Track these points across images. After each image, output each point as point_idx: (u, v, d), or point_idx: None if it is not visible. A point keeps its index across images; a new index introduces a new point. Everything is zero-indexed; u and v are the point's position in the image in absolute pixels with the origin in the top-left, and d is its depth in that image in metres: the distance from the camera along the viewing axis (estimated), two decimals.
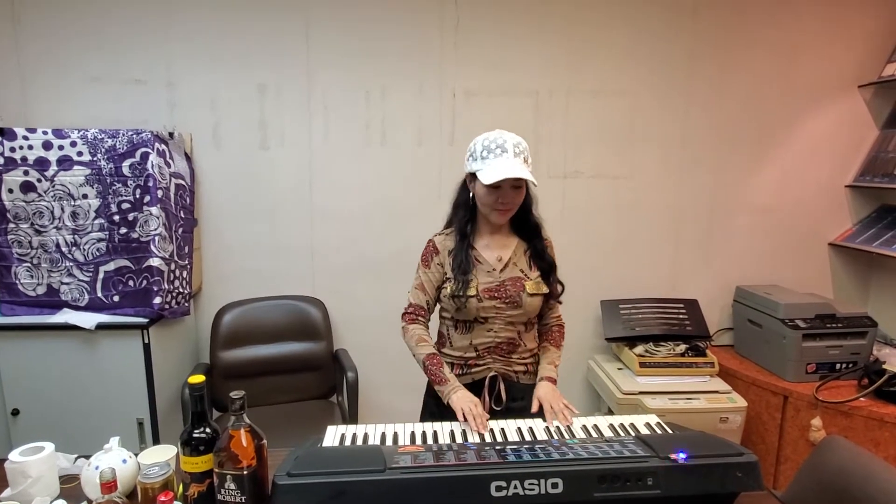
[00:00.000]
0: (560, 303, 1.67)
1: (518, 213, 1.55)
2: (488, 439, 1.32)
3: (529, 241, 1.60)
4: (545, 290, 1.57)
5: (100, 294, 2.20)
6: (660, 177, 2.73)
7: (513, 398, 1.58)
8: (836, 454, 1.35)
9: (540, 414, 1.46)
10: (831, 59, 2.67)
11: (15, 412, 2.15)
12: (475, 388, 1.57)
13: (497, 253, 1.57)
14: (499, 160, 1.42)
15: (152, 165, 2.14)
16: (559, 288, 1.63)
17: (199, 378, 1.08)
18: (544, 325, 1.69)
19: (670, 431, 1.34)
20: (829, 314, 2.37)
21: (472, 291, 1.51)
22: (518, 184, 1.46)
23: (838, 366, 2.35)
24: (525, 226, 1.59)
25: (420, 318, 1.61)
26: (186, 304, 2.40)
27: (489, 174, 1.41)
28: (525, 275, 1.56)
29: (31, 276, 2.18)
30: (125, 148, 2.13)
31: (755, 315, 2.56)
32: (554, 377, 1.58)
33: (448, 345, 1.62)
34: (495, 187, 1.44)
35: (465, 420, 1.37)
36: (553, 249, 1.64)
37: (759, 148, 2.73)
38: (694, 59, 2.64)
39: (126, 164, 2.13)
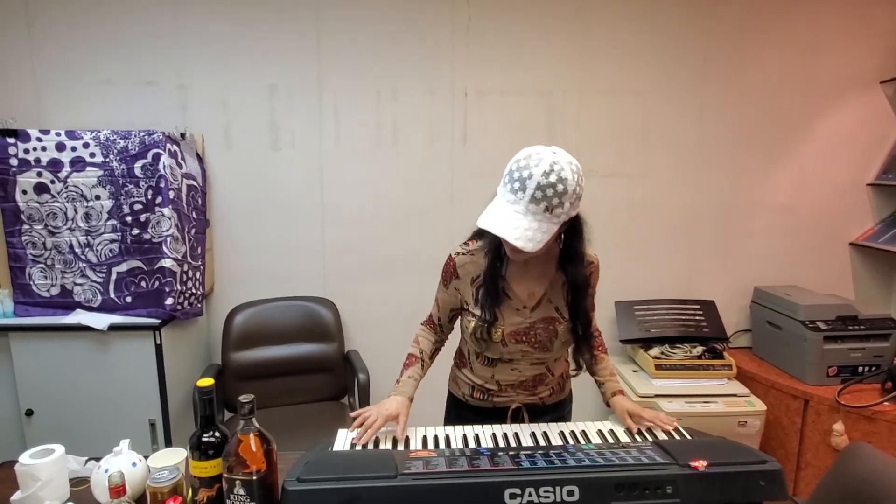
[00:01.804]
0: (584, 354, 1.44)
1: (565, 247, 1.31)
2: (502, 444, 1.29)
3: (569, 277, 1.34)
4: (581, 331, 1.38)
5: (112, 295, 2.21)
6: (675, 176, 2.68)
7: (537, 419, 1.47)
8: (863, 462, 1.31)
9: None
10: (852, 55, 2.60)
11: (29, 412, 2.16)
12: (497, 415, 1.47)
13: (530, 287, 1.36)
14: (507, 200, 1.15)
15: (164, 166, 2.14)
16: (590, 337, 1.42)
17: (207, 381, 1.07)
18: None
19: (689, 437, 1.31)
20: (850, 316, 2.32)
21: (496, 336, 1.34)
22: None
23: (861, 369, 2.29)
24: (570, 261, 1.33)
25: (429, 327, 1.53)
26: (199, 305, 2.40)
27: (485, 216, 1.18)
28: (560, 314, 1.37)
29: (45, 277, 2.19)
30: (137, 149, 2.13)
31: (774, 316, 2.50)
32: (622, 390, 1.46)
33: (469, 368, 1.49)
34: None
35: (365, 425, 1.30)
36: (597, 274, 1.41)
37: (777, 146, 2.67)
38: (709, 57, 2.59)
39: (138, 165, 2.14)
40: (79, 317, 2.15)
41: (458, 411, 1.55)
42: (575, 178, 1.14)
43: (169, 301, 2.17)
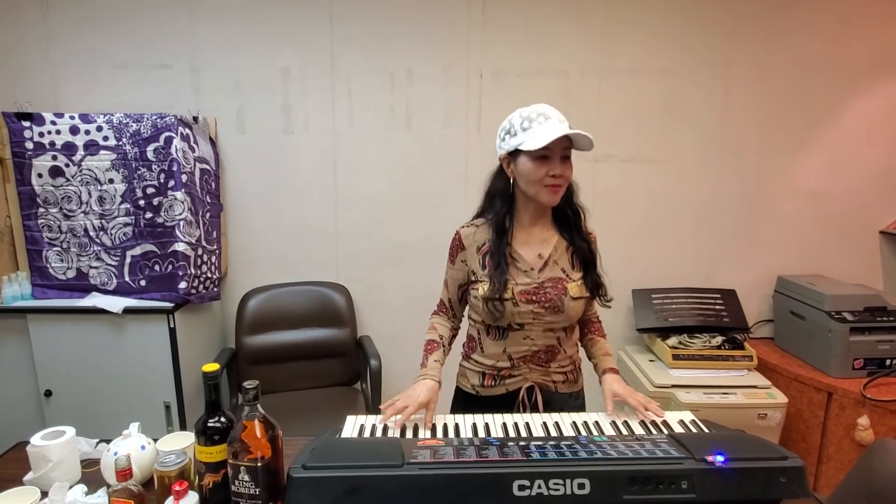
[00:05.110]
0: (602, 298, 1.46)
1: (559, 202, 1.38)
2: (512, 434, 1.26)
3: (570, 235, 1.42)
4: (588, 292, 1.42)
5: (127, 278, 2.22)
6: (697, 161, 2.60)
7: (551, 409, 1.43)
8: (890, 458, 1.25)
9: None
10: (885, 37, 2.48)
11: (48, 393, 2.20)
12: (509, 399, 1.44)
13: (536, 250, 1.40)
14: (544, 126, 1.28)
15: (176, 150, 2.13)
16: (598, 285, 1.43)
17: (213, 366, 1.05)
18: (584, 319, 1.53)
19: (707, 430, 1.26)
20: (879, 307, 2.24)
21: (507, 294, 1.35)
22: (566, 153, 1.31)
23: (888, 362, 2.21)
24: (566, 217, 1.42)
25: (441, 312, 1.55)
26: (216, 290, 2.40)
27: (537, 139, 1.26)
28: (567, 275, 1.40)
29: (62, 260, 2.21)
30: (149, 132, 2.13)
31: (798, 307, 2.43)
32: (616, 368, 1.46)
33: (479, 350, 1.47)
34: (543, 158, 1.28)
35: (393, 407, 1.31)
36: (596, 244, 1.47)
37: (805, 130, 2.57)
38: (735, 35, 2.49)
39: (150, 148, 2.13)
40: (94, 300, 2.17)
41: (468, 407, 1.50)
42: None
43: (182, 285, 2.17)
